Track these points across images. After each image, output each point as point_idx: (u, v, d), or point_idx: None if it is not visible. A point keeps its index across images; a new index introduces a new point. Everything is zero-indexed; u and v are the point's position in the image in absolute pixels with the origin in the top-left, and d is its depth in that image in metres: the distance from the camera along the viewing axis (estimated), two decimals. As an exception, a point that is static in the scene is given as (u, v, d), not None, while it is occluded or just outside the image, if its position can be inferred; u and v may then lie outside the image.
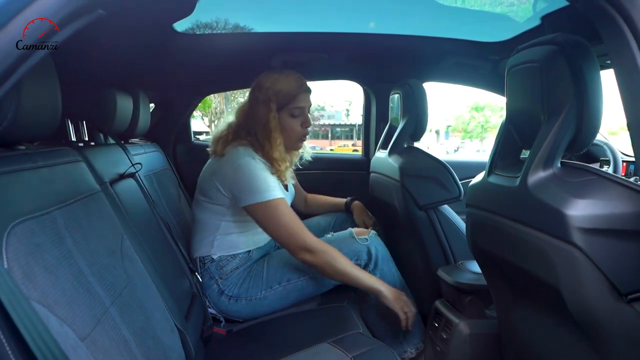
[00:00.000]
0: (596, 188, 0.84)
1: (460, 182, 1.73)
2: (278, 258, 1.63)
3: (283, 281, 1.57)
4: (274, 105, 1.54)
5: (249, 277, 1.58)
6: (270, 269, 1.59)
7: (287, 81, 1.57)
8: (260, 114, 1.55)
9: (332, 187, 2.34)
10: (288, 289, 1.58)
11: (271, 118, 1.54)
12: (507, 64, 1.06)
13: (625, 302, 0.81)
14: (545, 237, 0.88)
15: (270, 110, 1.54)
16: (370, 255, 1.61)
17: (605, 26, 0.80)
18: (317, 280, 1.59)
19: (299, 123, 1.61)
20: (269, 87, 1.56)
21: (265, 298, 1.56)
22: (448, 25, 2.00)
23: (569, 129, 0.89)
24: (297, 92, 1.58)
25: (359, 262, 1.59)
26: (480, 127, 27.57)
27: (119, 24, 1.18)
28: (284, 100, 1.56)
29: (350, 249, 1.58)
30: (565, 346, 1.01)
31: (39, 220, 0.72)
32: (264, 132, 1.55)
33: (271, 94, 1.55)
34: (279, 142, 1.55)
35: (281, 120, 1.57)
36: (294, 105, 1.58)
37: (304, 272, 1.58)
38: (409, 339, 1.66)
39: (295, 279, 1.58)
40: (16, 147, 0.83)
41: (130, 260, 1.02)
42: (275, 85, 1.56)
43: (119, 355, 0.79)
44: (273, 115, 1.54)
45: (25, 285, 0.62)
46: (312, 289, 1.61)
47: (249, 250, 1.64)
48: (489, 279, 1.31)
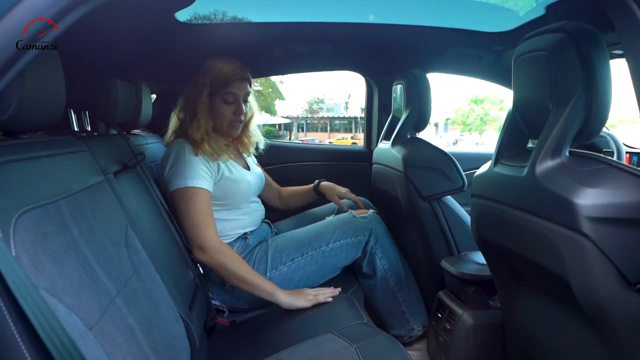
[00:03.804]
0: (605, 177, 0.83)
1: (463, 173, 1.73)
2: (281, 240, 1.66)
3: (287, 261, 1.60)
4: (207, 90, 1.58)
5: (252, 262, 1.59)
6: (274, 252, 1.61)
7: (224, 67, 1.60)
8: (193, 96, 1.59)
9: (333, 179, 2.33)
10: (292, 269, 1.60)
11: (199, 102, 1.57)
12: (514, 52, 1.05)
13: (634, 291, 0.80)
14: (553, 227, 0.88)
15: (201, 94, 1.57)
16: (371, 231, 1.66)
17: (617, 11, 0.79)
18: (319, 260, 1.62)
19: (232, 110, 1.63)
20: (207, 71, 1.59)
21: (270, 279, 1.56)
22: (451, 16, 1.98)
23: (577, 118, 0.88)
24: (232, 79, 1.60)
25: (360, 238, 1.65)
26: (480, 120, 27.54)
27: (121, 12, 1.17)
28: (218, 85, 1.59)
29: (351, 227, 1.65)
30: (571, 336, 1.01)
31: (45, 209, 0.71)
32: (192, 114, 1.58)
33: (208, 78, 1.58)
34: (202, 123, 1.56)
35: (214, 104, 1.61)
36: (227, 91, 1.60)
37: (308, 248, 1.61)
38: (415, 316, 1.70)
39: (299, 257, 1.60)
40: (20, 136, 0.82)
41: (134, 250, 1.02)
42: (213, 70, 1.59)
43: (126, 344, 0.79)
44: (202, 99, 1.57)
45: (34, 273, 0.61)
46: (314, 267, 1.62)
47: (243, 234, 1.65)
48: (494, 270, 1.31)
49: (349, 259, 1.67)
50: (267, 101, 21.19)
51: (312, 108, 27.34)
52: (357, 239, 1.64)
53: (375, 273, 1.69)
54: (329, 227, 1.67)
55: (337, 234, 1.64)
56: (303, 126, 27.52)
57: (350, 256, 1.66)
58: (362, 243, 1.65)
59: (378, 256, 1.67)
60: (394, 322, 1.71)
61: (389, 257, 1.69)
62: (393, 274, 1.70)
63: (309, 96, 37.41)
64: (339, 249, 1.63)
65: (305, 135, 25.98)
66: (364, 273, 1.71)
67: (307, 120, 27.63)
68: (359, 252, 1.66)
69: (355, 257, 1.67)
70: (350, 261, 1.68)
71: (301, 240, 1.64)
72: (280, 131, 25.48)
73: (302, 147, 2.75)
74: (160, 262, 1.13)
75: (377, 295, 1.71)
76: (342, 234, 1.64)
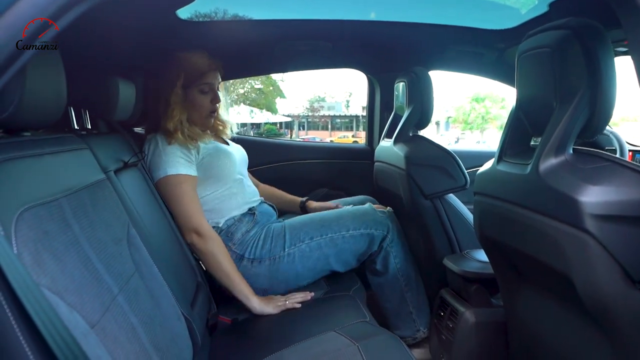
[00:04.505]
0: (609, 174, 0.83)
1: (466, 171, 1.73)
2: (299, 219, 1.68)
3: (306, 239, 1.60)
4: (180, 82, 1.59)
5: (270, 237, 1.60)
6: (292, 229, 1.62)
7: (196, 60, 1.63)
8: (163, 88, 1.60)
9: (335, 177, 2.33)
10: (312, 247, 1.60)
11: (172, 93, 1.59)
12: (518, 49, 1.05)
13: (637, 289, 0.80)
14: (556, 224, 0.88)
15: (175, 86, 1.59)
16: (389, 228, 1.66)
17: (624, 7, 0.78)
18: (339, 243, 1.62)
19: (209, 99, 1.67)
20: (178, 65, 1.61)
21: (289, 255, 1.58)
22: (454, 13, 1.98)
23: (581, 115, 0.88)
24: (207, 70, 1.64)
25: (378, 232, 1.64)
26: (481, 118, 27.45)
27: (122, 10, 1.16)
28: (193, 78, 1.62)
29: (370, 219, 1.65)
30: (574, 333, 1.00)
31: (46, 207, 0.71)
32: (164, 106, 1.59)
33: (179, 71, 1.60)
34: (175, 113, 1.58)
35: (190, 97, 1.63)
36: (204, 82, 1.64)
37: (328, 230, 1.61)
38: (421, 317, 1.71)
39: (319, 237, 1.61)
40: (21, 134, 0.82)
41: (136, 248, 1.02)
42: (185, 64, 1.61)
43: (128, 342, 0.79)
44: (175, 90, 1.59)
45: (35, 271, 0.61)
46: (333, 250, 1.62)
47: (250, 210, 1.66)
48: (496, 267, 1.30)
49: (366, 251, 1.66)
50: (268, 99, 21.16)
51: (313, 106, 27.28)
52: (376, 232, 1.64)
53: (387, 270, 1.68)
54: (348, 215, 1.67)
55: (357, 222, 1.64)
56: (304, 124, 27.48)
57: (368, 247, 1.65)
58: (379, 237, 1.65)
59: (393, 254, 1.67)
60: (399, 323, 1.71)
61: (403, 257, 1.69)
62: (404, 273, 1.69)
63: (310, 94, 37.33)
64: (359, 237, 1.63)
65: (307, 134, 25.94)
66: (375, 269, 1.70)
67: (308, 118, 27.59)
68: (375, 245, 1.66)
69: (372, 250, 1.66)
70: (367, 254, 1.67)
71: (321, 221, 1.64)
72: (282, 129, 25.45)
73: (303, 145, 2.75)
74: (161, 259, 1.12)
75: (386, 293, 1.71)
76: (361, 224, 1.64)
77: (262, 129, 21.94)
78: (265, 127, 22.44)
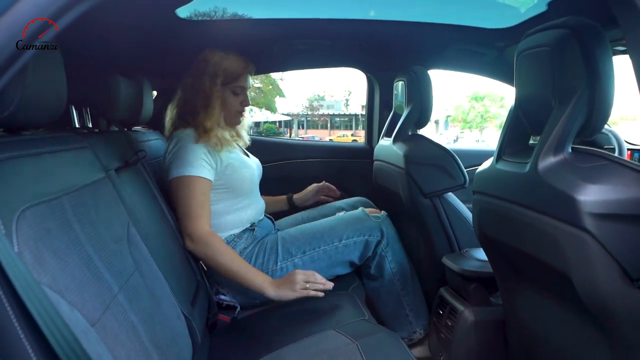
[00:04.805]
0: (608, 173, 0.83)
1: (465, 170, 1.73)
2: (292, 232, 1.67)
3: (299, 253, 1.59)
4: (220, 80, 1.60)
5: (262, 251, 1.59)
6: (285, 243, 1.61)
7: (234, 61, 1.63)
8: (204, 85, 1.59)
9: (334, 175, 2.33)
10: (304, 260, 1.59)
11: (214, 91, 1.59)
12: (517, 48, 1.05)
13: (636, 287, 0.80)
14: (555, 223, 0.88)
15: (216, 84, 1.59)
16: (383, 233, 1.66)
17: (622, 7, 0.78)
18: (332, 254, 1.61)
19: (239, 101, 1.67)
20: (217, 62, 1.60)
21: (282, 269, 1.56)
22: (453, 12, 1.98)
23: (580, 114, 0.88)
24: (242, 72, 1.64)
25: (372, 238, 1.64)
26: (480, 117, 27.47)
27: (122, 9, 1.16)
28: (229, 79, 1.62)
29: (364, 225, 1.65)
30: (573, 332, 1.01)
31: (47, 205, 0.71)
32: (204, 102, 1.59)
33: (218, 69, 1.60)
34: (215, 113, 1.58)
35: (223, 96, 1.63)
36: (237, 84, 1.64)
37: (320, 242, 1.61)
38: (418, 319, 1.70)
39: (311, 250, 1.60)
40: (22, 132, 0.82)
41: (136, 247, 1.02)
42: (223, 63, 1.61)
43: (128, 341, 0.79)
44: (217, 88, 1.59)
45: (36, 269, 0.61)
46: (326, 262, 1.61)
47: (251, 226, 1.64)
48: (495, 266, 1.31)
49: (361, 257, 1.66)
50: (268, 98, 21.14)
51: (313, 105, 27.29)
52: (370, 238, 1.64)
53: (383, 275, 1.69)
54: (341, 223, 1.66)
55: (350, 230, 1.64)
56: (303, 123, 27.48)
57: (362, 254, 1.65)
58: (374, 243, 1.65)
59: (388, 259, 1.67)
60: (395, 325, 1.71)
61: (398, 261, 1.69)
62: (400, 277, 1.70)
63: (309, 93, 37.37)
64: (352, 245, 1.63)
65: (306, 133, 25.94)
66: (370, 274, 1.70)
67: (308, 117, 27.60)
68: (369, 251, 1.66)
69: (366, 256, 1.67)
70: (362, 260, 1.67)
71: (313, 233, 1.64)
72: (281, 128, 25.47)
73: (302, 144, 2.75)
74: (161, 258, 1.13)
75: (382, 298, 1.71)
76: (355, 232, 1.64)
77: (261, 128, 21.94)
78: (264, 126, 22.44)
